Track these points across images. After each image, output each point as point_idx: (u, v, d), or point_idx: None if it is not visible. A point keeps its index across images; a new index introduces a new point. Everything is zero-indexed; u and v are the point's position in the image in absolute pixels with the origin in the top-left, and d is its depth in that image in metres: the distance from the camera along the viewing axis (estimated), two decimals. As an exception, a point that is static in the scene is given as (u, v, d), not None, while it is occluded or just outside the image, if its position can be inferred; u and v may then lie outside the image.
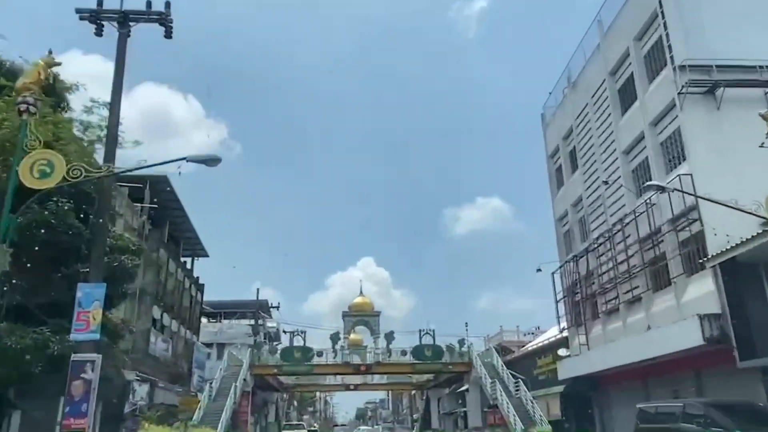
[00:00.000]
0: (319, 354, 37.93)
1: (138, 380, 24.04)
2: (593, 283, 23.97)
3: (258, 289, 51.64)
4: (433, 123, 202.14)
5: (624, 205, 21.33)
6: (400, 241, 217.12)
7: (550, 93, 29.69)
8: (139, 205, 25.95)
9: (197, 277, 39.31)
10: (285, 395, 63.22)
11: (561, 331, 27.04)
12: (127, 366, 23.17)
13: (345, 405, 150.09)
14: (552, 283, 27.50)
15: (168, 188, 30.45)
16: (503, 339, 38.99)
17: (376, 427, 74.69)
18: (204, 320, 52.52)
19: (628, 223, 20.60)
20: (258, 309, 46.93)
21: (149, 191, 28.68)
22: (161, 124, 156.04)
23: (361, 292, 41.79)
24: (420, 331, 38.69)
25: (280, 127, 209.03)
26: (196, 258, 41.02)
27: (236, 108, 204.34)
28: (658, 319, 19.09)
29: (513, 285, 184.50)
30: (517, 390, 32.04)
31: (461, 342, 38.46)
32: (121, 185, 23.98)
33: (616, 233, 21.49)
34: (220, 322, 54.98)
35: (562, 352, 26.67)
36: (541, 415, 28.55)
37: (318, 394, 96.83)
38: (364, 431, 69.80)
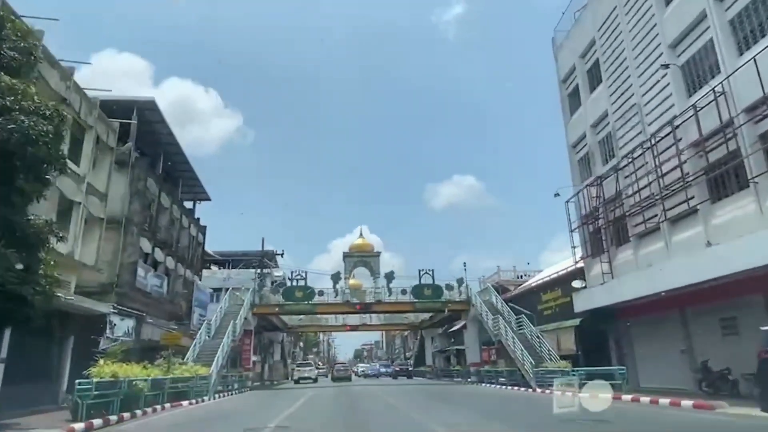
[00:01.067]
0: (320, 293, 32.43)
1: (115, 313, 18.29)
2: (620, 204, 18.31)
3: (263, 238, 45.74)
4: (420, 111, 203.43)
5: (672, 105, 15.52)
6: (389, 211, 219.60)
7: (563, 13, 23.53)
8: (116, 121, 19.78)
9: (198, 218, 33.36)
10: (290, 336, 58.17)
11: (576, 262, 21.50)
12: (107, 299, 17.77)
13: (344, 346, 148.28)
14: (566, 213, 21.87)
15: (159, 119, 24.32)
16: (500, 278, 33.73)
17: (372, 363, 70.14)
18: (214, 268, 47.03)
19: (679, 125, 14.82)
20: (263, 257, 41.09)
21: (137, 118, 22.57)
22: (185, 112, 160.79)
23: (361, 235, 36.25)
24: (420, 271, 33.19)
25: (289, 115, 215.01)
26: (198, 201, 35.04)
27: (251, 99, 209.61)
28: (719, 233, 13.51)
29: (486, 248, 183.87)
30: (520, 326, 26.73)
31: (460, 281, 33.03)
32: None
33: (660, 140, 15.71)
34: (228, 269, 49.43)
35: (577, 284, 21.19)
36: (549, 350, 23.28)
37: (320, 335, 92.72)
38: (362, 367, 65.35)
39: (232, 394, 24.27)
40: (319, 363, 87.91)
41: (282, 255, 42.12)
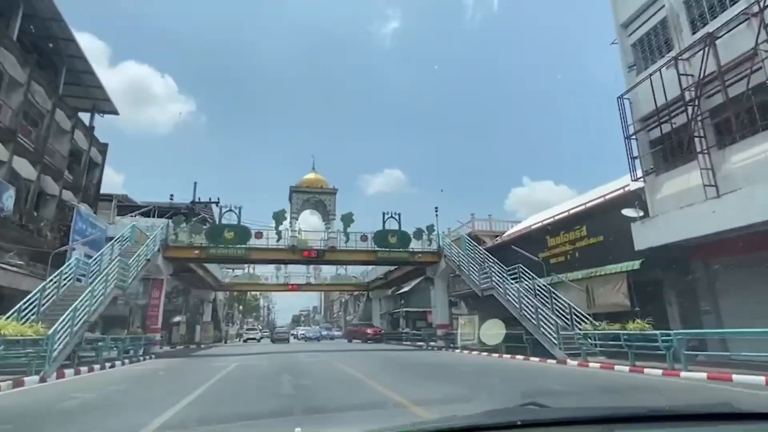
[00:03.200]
0: (258, 236, 22.13)
1: None
2: (724, 85, 10.01)
3: (195, 183, 34.10)
4: (353, 112, 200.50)
5: None
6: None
7: None
8: None
9: (92, 127, 21.66)
10: (226, 296, 46.89)
11: (636, 179, 13.08)
12: None
13: (282, 312, 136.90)
14: (619, 112, 13.38)
15: None
16: (475, 228, 25.38)
17: (312, 327, 60.37)
18: (140, 219, 34.81)
19: None
20: (193, 204, 29.60)
21: None
22: (142, 95, 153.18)
23: (313, 168, 26.10)
24: (384, 214, 23.88)
25: (238, 103, 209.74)
26: (101, 114, 23.24)
27: (204, 86, 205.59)
28: None
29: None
30: (514, 277, 18.23)
31: (430, 228, 24.09)
32: None
33: None
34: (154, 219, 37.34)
35: (629, 212, 12.86)
36: (574, 309, 14.79)
37: (261, 300, 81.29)
38: (302, 331, 55.44)
39: (116, 365, 13.82)
40: (259, 327, 77.74)
41: (218, 203, 30.77)
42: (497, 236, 25.42)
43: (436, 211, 24.39)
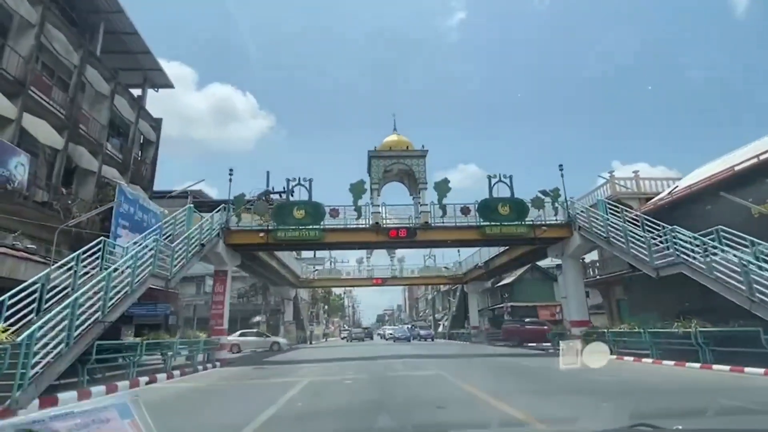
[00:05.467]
0: (334, 214, 17.49)
1: None
2: None
3: (268, 173, 30.85)
4: (426, 104, 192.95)
5: None
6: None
7: None
8: None
9: (142, 101, 18.54)
10: (309, 294, 43.85)
11: None
12: None
13: (365, 312, 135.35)
14: None
15: None
16: (617, 191, 18.46)
17: (400, 326, 55.60)
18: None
19: None
20: (265, 193, 26.16)
21: None
22: (226, 113, 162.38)
23: (395, 129, 20.97)
24: (490, 178, 17.97)
25: (314, 114, 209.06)
26: (155, 88, 20.34)
27: (283, 101, 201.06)
28: None
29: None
30: (706, 252, 11.26)
31: (555, 192, 17.66)
32: None
33: None
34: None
35: None
36: None
37: (345, 299, 78.75)
38: (390, 330, 50.88)
39: (157, 379, 9.79)
40: (345, 327, 75.51)
41: (290, 190, 26.84)
42: (648, 199, 18.22)
43: (561, 170, 17.86)
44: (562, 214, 17.72)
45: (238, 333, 24.97)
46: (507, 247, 23.54)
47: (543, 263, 32.37)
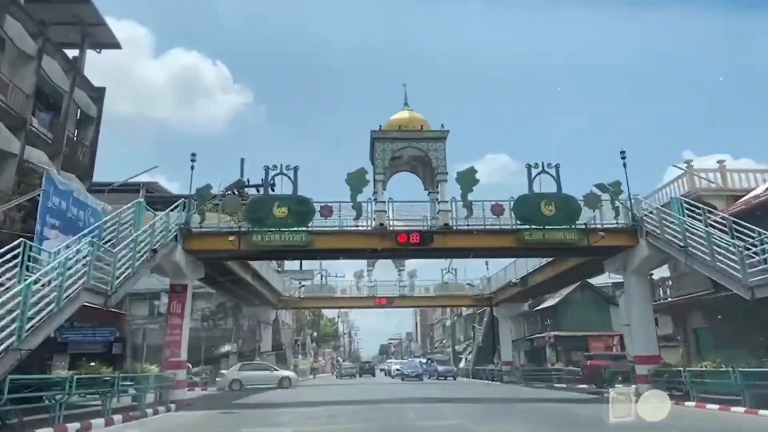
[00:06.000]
0: (325, 212, 17.18)
1: None
2: None
3: (242, 160, 30.57)
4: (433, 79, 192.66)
5: None
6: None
7: None
8: None
9: (79, 64, 18.27)
10: (293, 316, 43.57)
11: None
12: None
13: (365, 341, 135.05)
14: None
15: None
16: (697, 186, 17.91)
17: (410, 360, 55.20)
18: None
19: None
20: (239, 184, 25.90)
21: None
22: (191, 86, 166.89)
23: (405, 104, 20.51)
24: (530, 168, 17.61)
25: (302, 91, 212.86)
26: (97, 49, 20.17)
27: (262, 75, 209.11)
28: None
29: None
30: None
31: (616, 186, 17.24)
32: None
33: None
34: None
35: None
36: None
37: (339, 325, 78.55)
38: (396, 365, 50.43)
39: (92, 426, 9.53)
40: (339, 359, 75.62)
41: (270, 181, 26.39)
42: (738, 197, 17.77)
43: (623, 157, 17.43)
44: (624, 215, 17.33)
45: (238, 365, 26.08)
46: (551, 259, 23.17)
47: (597, 281, 31.96)
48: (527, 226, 17.07)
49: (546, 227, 17.06)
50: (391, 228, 17.37)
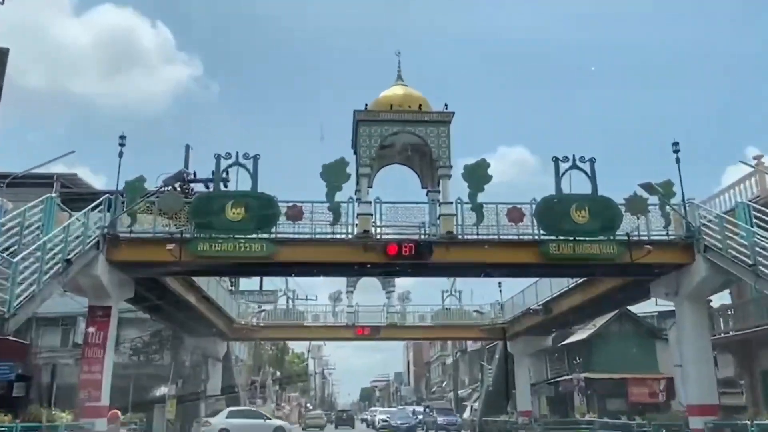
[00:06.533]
0: (294, 214, 17.16)
1: None
2: None
3: (187, 146, 30.41)
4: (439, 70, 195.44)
5: None
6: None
7: None
8: None
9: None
10: (246, 350, 43.43)
11: None
12: None
13: (344, 383, 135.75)
14: None
15: None
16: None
17: (401, 407, 55.29)
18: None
19: None
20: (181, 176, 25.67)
21: None
22: (123, 53, 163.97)
23: (399, 77, 20.38)
24: (557, 162, 17.75)
25: (267, 63, 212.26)
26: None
27: (215, 41, 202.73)
28: None
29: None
30: None
31: (667, 187, 17.33)
32: None
33: None
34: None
35: None
36: None
37: (309, 360, 78.39)
38: (382, 415, 50.42)
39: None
40: (308, 406, 75.57)
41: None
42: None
43: (676, 150, 17.57)
44: (676, 225, 17.53)
45: (226, 413, 27.34)
46: (582, 279, 23.31)
47: (639, 309, 32.17)
48: (553, 237, 17.29)
49: (577, 238, 17.24)
50: (379, 236, 17.48)
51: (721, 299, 22.46)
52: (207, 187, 22.01)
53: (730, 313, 21.38)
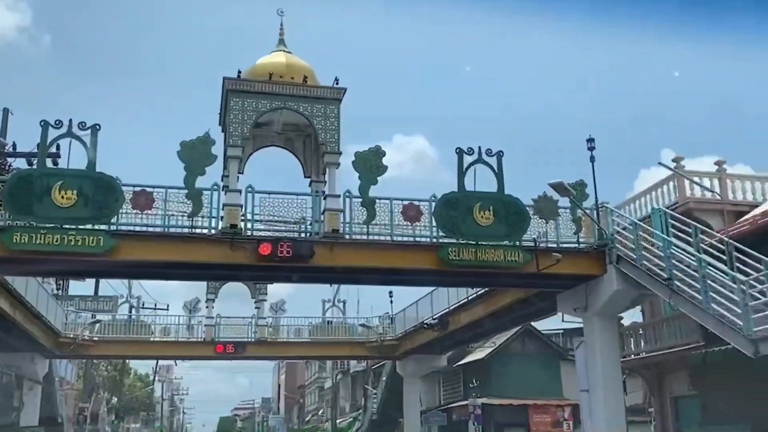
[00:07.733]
0: (141, 202, 16.71)
1: None
2: None
3: (6, 110, 28.70)
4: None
5: None
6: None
7: None
8: None
9: None
10: (75, 369, 41.79)
11: None
12: None
13: (199, 411, 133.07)
14: None
15: None
16: (687, 195, 19.28)
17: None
18: None
19: None
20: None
21: None
22: None
23: (281, 41, 20.09)
24: (461, 153, 18.31)
25: (118, 16, 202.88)
26: None
27: None
28: None
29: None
30: None
31: (580, 188, 18.25)
32: None
33: None
34: None
35: None
36: None
37: (156, 382, 76.62)
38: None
39: None
40: None
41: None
42: (740, 213, 19.62)
43: (591, 148, 18.51)
44: (587, 231, 18.35)
45: None
46: (483, 290, 24.03)
47: (544, 325, 33.66)
48: (453, 240, 17.65)
49: (480, 242, 17.66)
50: (250, 233, 17.35)
51: (632, 317, 23.85)
52: (30, 164, 21.37)
53: (641, 332, 22.60)
